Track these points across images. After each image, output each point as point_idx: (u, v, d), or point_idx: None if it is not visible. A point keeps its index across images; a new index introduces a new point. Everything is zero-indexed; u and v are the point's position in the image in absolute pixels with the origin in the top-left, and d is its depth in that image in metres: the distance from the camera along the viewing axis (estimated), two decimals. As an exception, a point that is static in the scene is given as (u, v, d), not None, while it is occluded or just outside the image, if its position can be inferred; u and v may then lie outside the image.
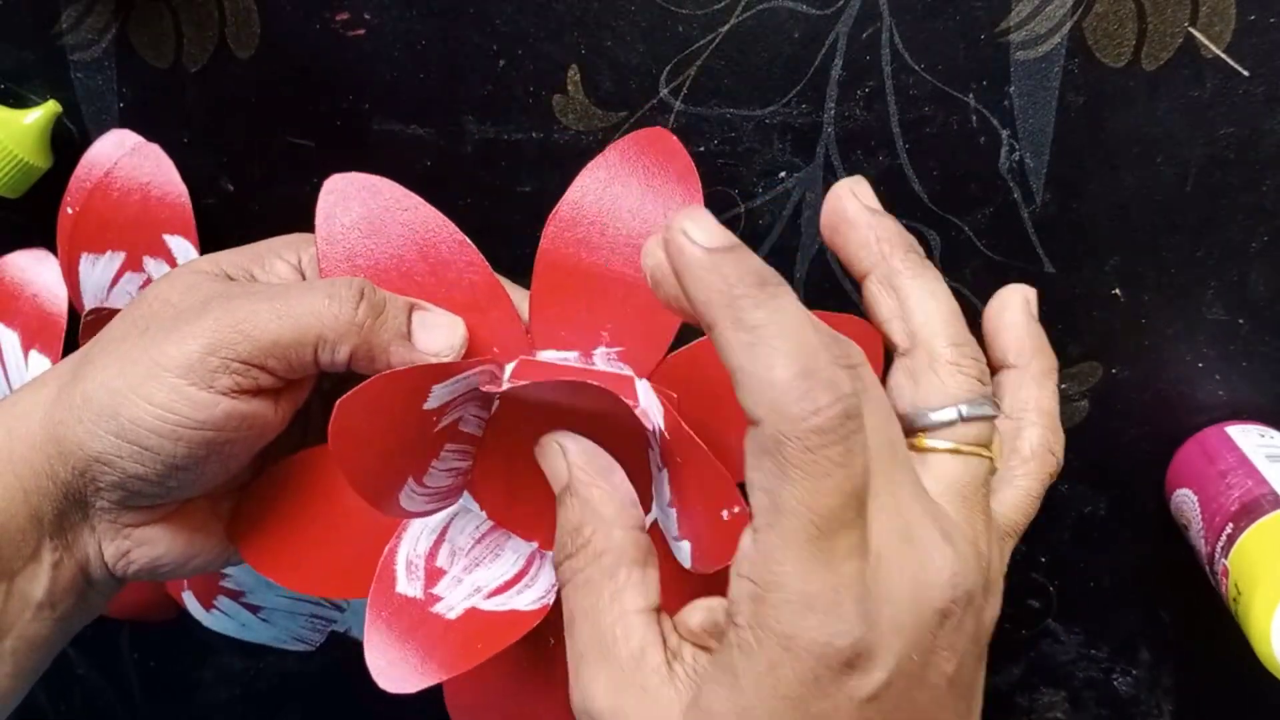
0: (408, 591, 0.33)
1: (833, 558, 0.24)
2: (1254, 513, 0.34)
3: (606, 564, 0.28)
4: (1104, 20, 0.37)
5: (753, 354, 0.24)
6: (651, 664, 0.27)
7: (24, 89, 0.42)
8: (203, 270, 0.34)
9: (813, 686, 0.24)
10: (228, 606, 0.45)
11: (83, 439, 0.31)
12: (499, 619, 0.32)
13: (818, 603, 0.24)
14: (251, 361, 0.30)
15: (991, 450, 0.29)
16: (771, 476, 0.24)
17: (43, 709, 0.51)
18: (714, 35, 0.38)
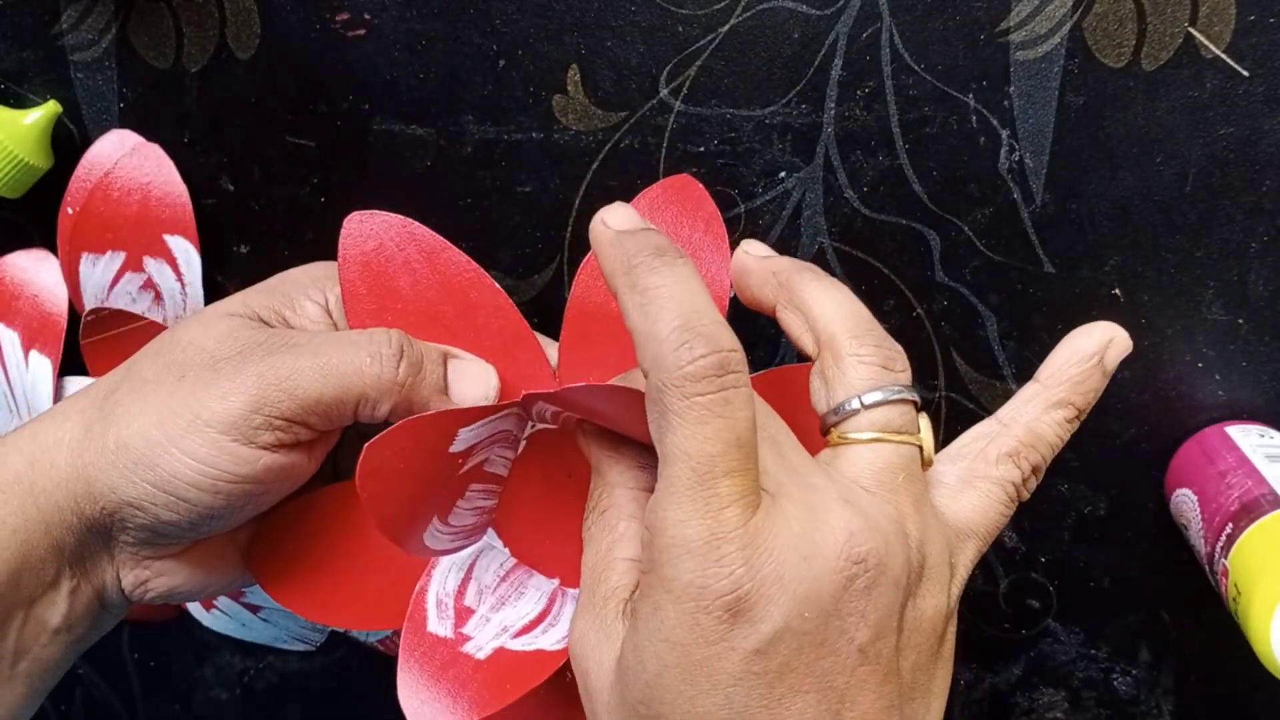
0: (438, 631, 0.33)
1: (713, 504, 0.25)
2: (1254, 513, 0.34)
3: (609, 519, 0.30)
4: (1104, 20, 0.37)
5: (644, 313, 0.26)
6: (614, 602, 0.28)
7: (24, 89, 0.42)
8: (235, 314, 0.33)
9: (693, 630, 0.25)
10: (228, 606, 0.45)
11: (116, 483, 0.31)
12: (526, 659, 0.33)
13: (695, 546, 0.25)
14: (294, 419, 0.31)
15: (918, 438, 0.29)
16: (656, 425, 0.26)
17: (43, 709, 0.51)
18: (714, 35, 0.38)
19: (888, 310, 0.40)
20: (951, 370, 0.41)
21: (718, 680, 0.25)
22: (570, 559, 0.35)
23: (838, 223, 0.40)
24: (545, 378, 0.35)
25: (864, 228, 0.40)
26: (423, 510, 0.32)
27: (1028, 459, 0.31)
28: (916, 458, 0.29)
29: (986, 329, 0.40)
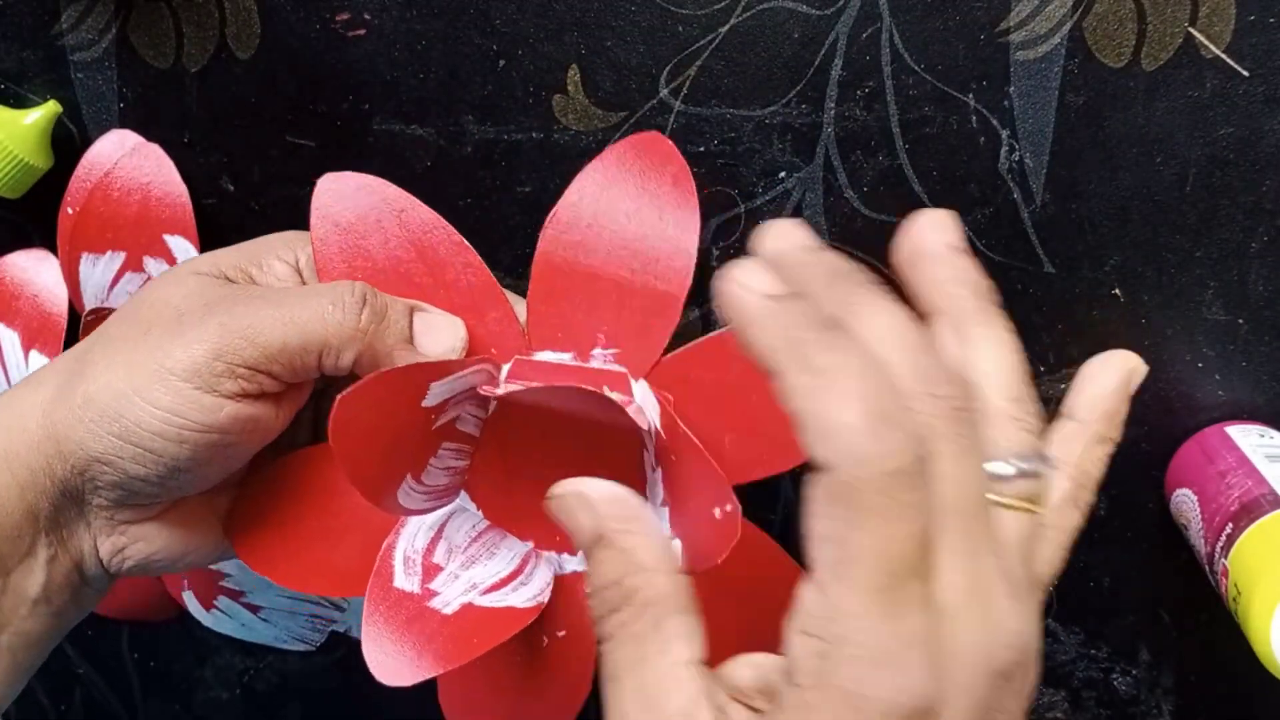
0: (405, 586, 0.33)
1: (901, 608, 0.23)
2: (1254, 513, 0.34)
3: (654, 615, 0.26)
4: (1104, 20, 0.37)
5: (820, 398, 0.23)
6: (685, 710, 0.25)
7: (24, 89, 0.42)
8: (202, 272, 0.33)
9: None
10: (228, 606, 0.45)
11: (84, 439, 0.31)
12: (495, 615, 0.33)
13: (887, 658, 0.23)
14: (257, 367, 0.31)
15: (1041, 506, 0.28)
16: (842, 524, 0.23)
17: (43, 709, 0.51)
18: (714, 35, 0.38)
19: (888, 310, 0.40)
20: (951, 370, 0.41)
21: None
22: (542, 524, 0.35)
23: (838, 223, 0.40)
24: (514, 335, 0.35)
25: (864, 228, 0.40)
26: (396, 466, 0.32)
27: (1085, 500, 0.30)
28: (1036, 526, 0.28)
29: (986, 329, 0.40)
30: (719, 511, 0.28)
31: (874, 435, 0.22)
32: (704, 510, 0.28)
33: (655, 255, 0.34)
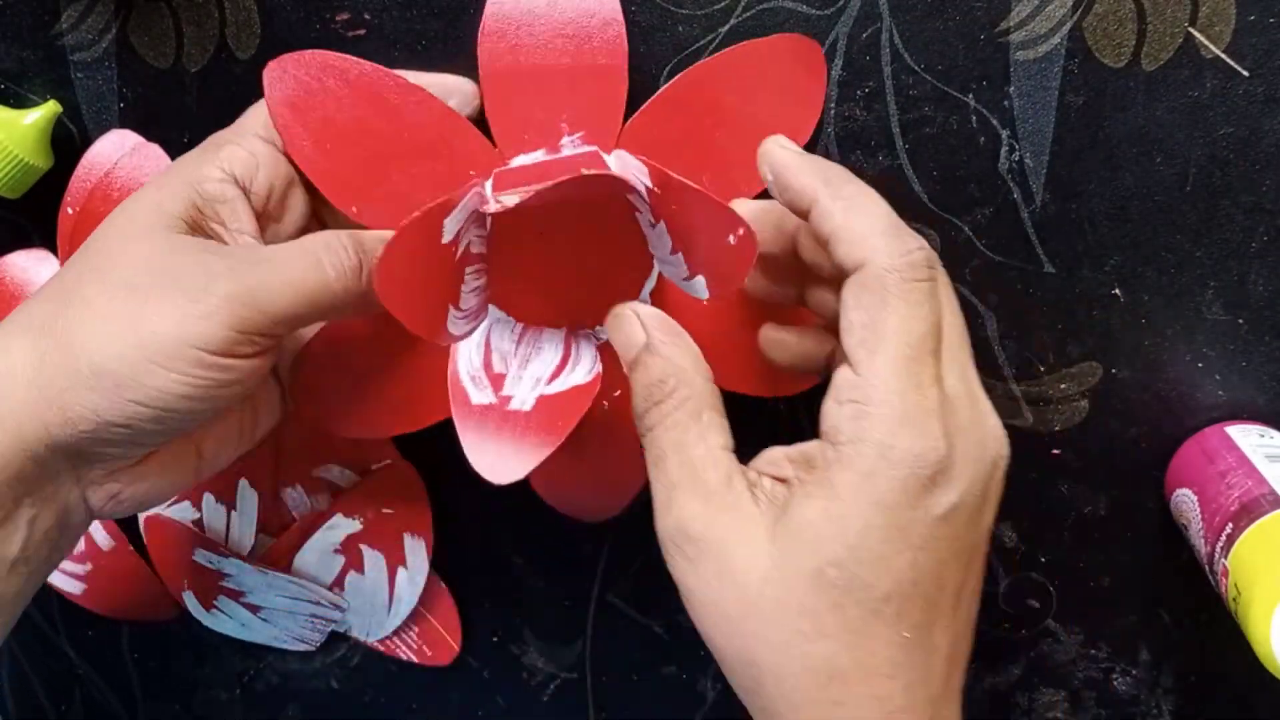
0: (482, 400, 0.37)
1: (921, 382, 0.29)
2: (1254, 513, 0.34)
3: (692, 407, 0.32)
4: (1104, 20, 0.37)
5: (851, 214, 0.30)
6: (738, 488, 0.30)
7: (24, 89, 0.42)
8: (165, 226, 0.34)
9: (902, 495, 0.28)
10: (228, 606, 0.45)
11: (99, 406, 0.31)
12: (566, 396, 0.36)
13: (912, 418, 0.28)
14: (269, 333, 0.32)
15: None
16: (874, 308, 0.29)
17: (43, 709, 0.51)
18: (714, 35, 0.38)
19: (888, 310, 0.40)
20: (951, 370, 0.41)
21: (911, 541, 0.28)
22: (566, 305, 0.39)
23: (838, 223, 0.40)
24: (486, 151, 0.37)
25: (864, 228, 0.40)
26: (438, 302, 0.35)
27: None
28: None
29: (986, 329, 0.40)
30: (733, 237, 0.31)
31: (896, 236, 0.30)
32: (719, 241, 0.32)
33: (588, 33, 0.36)
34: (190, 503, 0.44)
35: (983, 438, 0.30)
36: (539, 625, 0.46)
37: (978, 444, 0.30)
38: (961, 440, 0.29)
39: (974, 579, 0.31)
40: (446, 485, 0.45)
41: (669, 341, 0.33)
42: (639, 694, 0.47)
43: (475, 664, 0.47)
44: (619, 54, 0.37)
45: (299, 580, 0.45)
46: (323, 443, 0.44)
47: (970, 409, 0.30)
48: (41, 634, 0.49)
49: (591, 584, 0.45)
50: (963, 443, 0.29)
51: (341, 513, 0.44)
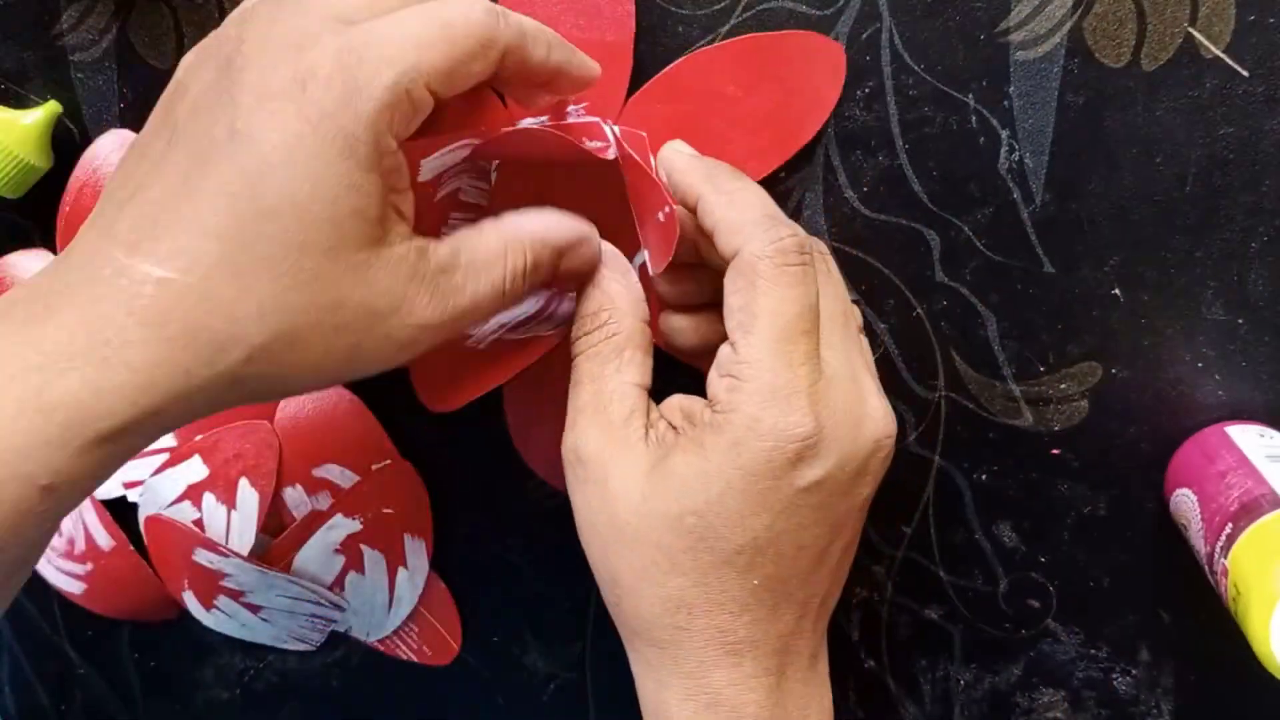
0: None
1: (792, 361, 0.31)
2: (1254, 513, 0.34)
3: (617, 342, 0.34)
4: (1104, 20, 0.37)
5: (730, 206, 0.33)
6: (635, 425, 0.33)
7: (25, 89, 0.42)
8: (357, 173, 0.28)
9: (765, 465, 0.30)
10: (228, 606, 0.45)
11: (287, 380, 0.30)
12: (523, 344, 0.38)
13: (780, 395, 0.30)
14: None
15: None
16: (746, 292, 0.31)
17: (43, 709, 0.51)
18: (714, 35, 0.38)
19: (888, 310, 0.40)
20: (951, 370, 0.41)
21: (769, 505, 0.31)
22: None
23: (838, 222, 0.40)
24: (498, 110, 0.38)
25: (864, 228, 0.40)
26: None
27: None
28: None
29: (986, 329, 0.40)
30: (661, 215, 0.34)
31: (770, 225, 0.32)
32: (652, 216, 0.34)
33: (598, 8, 0.38)
34: (190, 503, 0.44)
35: (859, 418, 0.32)
36: (539, 625, 0.46)
37: (852, 424, 0.31)
38: (833, 419, 0.31)
39: (842, 540, 0.33)
40: (446, 485, 0.45)
41: (613, 278, 0.35)
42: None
43: (475, 664, 0.47)
44: (626, 31, 0.38)
45: (299, 580, 0.45)
46: (323, 443, 0.44)
47: (849, 390, 0.32)
48: (41, 634, 0.49)
49: (592, 584, 0.45)
50: (834, 422, 0.31)
51: (341, 513, 0.44)
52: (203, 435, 0.44)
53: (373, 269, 0.29)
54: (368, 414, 0.44)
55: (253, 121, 0.28)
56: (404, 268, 0.30)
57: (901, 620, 0.44)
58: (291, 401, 0.44)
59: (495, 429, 0.43)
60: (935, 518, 0.43)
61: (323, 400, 0.44)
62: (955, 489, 0.42)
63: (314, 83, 0.28)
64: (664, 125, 0.38)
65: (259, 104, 0.28)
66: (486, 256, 0.32)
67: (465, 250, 0.31)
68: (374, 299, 0.29)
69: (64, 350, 0.27)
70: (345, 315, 0.29)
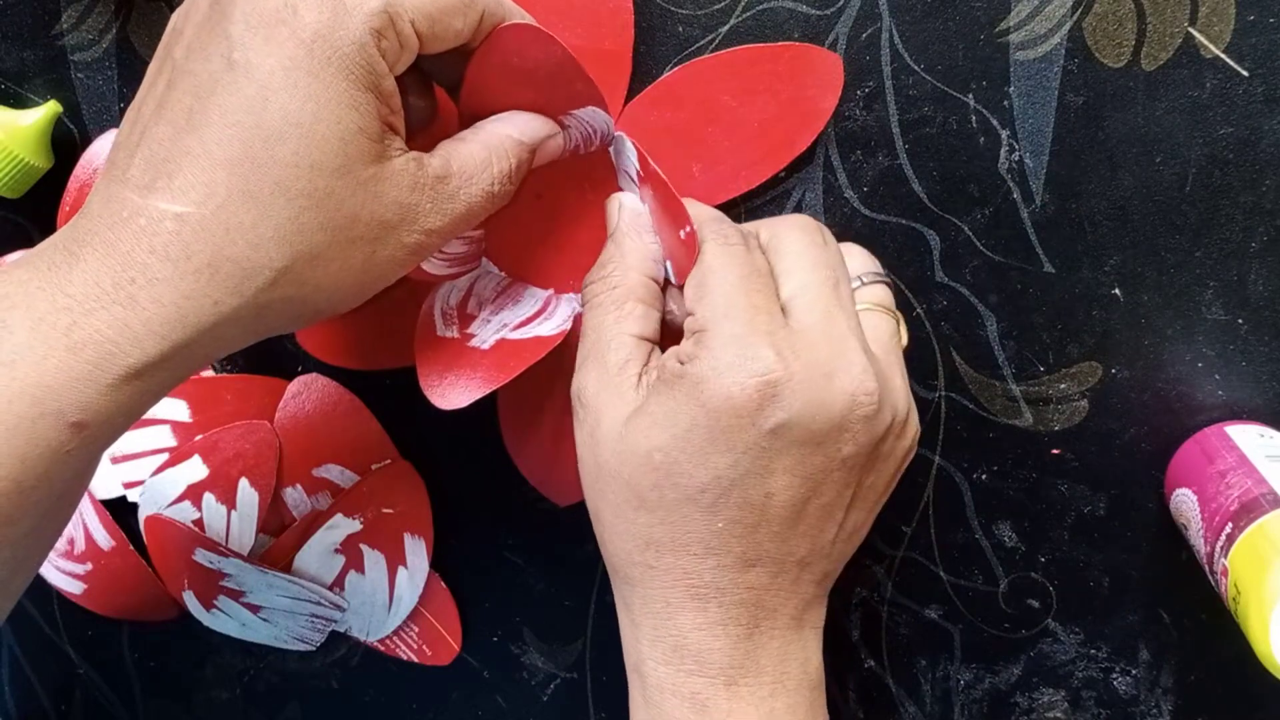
0: (446, 333, 0.39)
1: (748, 308, 0.32)
2: (1253, 512, 0.34)
3: (618, 295, 0.35)
4: (1104, 20, 0.37)
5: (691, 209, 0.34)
6: (628, 373, 0.34)
7: (25, 89, 0.42)
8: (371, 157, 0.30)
9: (726, 402, 0.31)
10: (228, 606, 0.45)
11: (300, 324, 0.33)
12: (526, 344, 0.38)
13: (741, 338, 0.31)
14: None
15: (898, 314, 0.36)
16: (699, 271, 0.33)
17: (43, 709, 0.51)
18: (714, 35, 0.38)
19: (888, 310, 0.40)
20: (951, 370, 0.41)
21: (733, 444, 0.31)
22: (558, 271, 0.41)
23: (838, 223, 0.40)
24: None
25: (864, 228, 0.40)
26: None
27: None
28: (897, 332, 0.36)
29: (986, 329, 0.40)
30: (683, 233, 0.34)
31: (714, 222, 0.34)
32: (674, 232, 0.35)
33: (596, 16, 0.38)
34: (190, 503, 0.44)
35: (832, 371, 0.31)
36: (539, 625, 0.46)
37: (822, 374, 0.31)
38: (799, 364, 0.31)
39: (821, 500, 0.32)
40: (446, 485, 0.45)
41: (628, 233, 0.36)
42: (639, 694, 0.47)
43: (475, 664, 0.47)
44: (626, 40, 0.38)
45: (299, 580, 0.45)
46: (323, 443, 0.44)
47: (822, 343, 0.32)
48: (41, 634, 0.49)
49: (591, 584, 0.45)
50: (801, 366, 0.31)
51: (341, 513, 0.44)
52: (203, 435, 0.44)
53: (380, 183, 0.30)
54: (368, 414, 0.44)
55: (249, 50, 0.28)
56: (406, 179, 0.31)
57: (901, 620, 0.44)
58: (291, 401, 0.44)
59: (495, 429, 0.43)
60: (935, 518, 0.43)
61: (323, 400, 0.44)
62: (955, 489, 0.42)
63: (304, 6, 0.29)
64: (659, 133, 0.38)
65: (252, 31, 0.29)
66: (475, 164, 0.33)
67: (455, 159, 0.33)
68: (383, 211, 0.31)
69: (90, 292, 0.29)
70: (359, 229, 0.30)
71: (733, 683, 0.33)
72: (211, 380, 0.44)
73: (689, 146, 0.38)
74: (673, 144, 0.38)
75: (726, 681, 0.33)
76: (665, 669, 0.33)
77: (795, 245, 0.34)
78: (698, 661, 0.33)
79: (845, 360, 0.32)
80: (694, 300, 0.33)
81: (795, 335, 0.32)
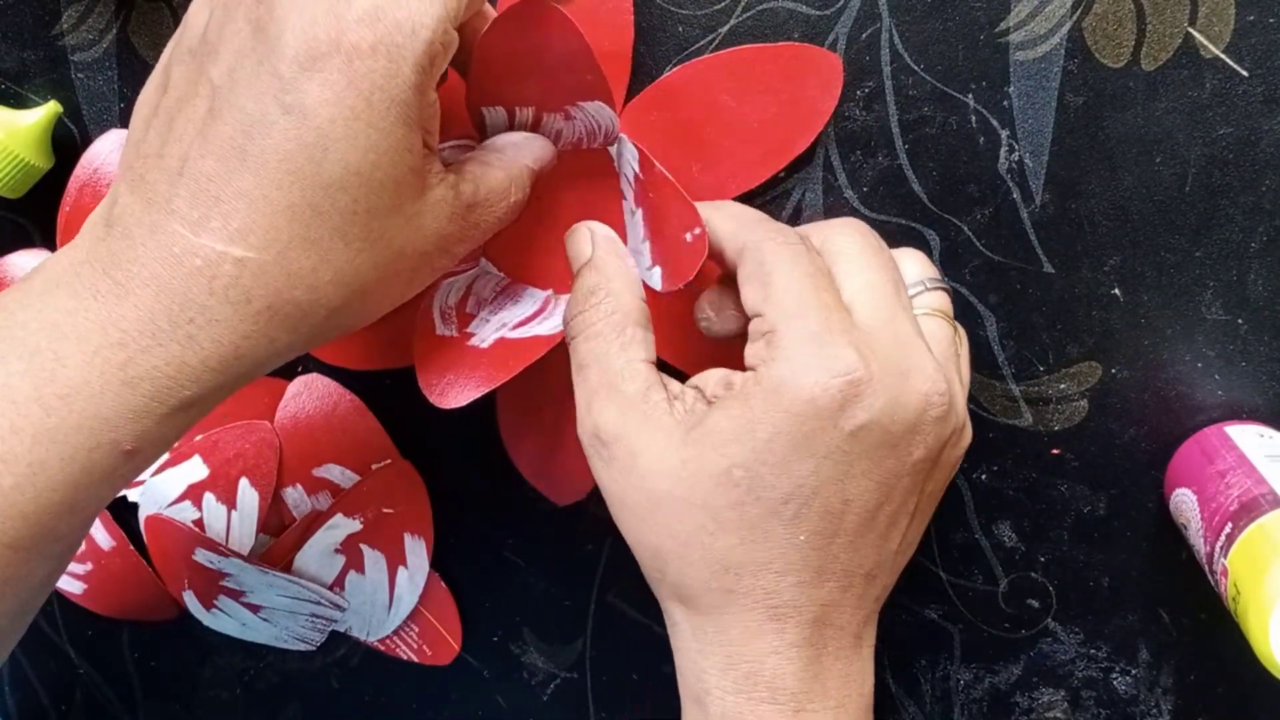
0: (445, 332, 0.39)
1: (825, 304, 0.31)
2: (1253, 512, 0.34)
3: (616, 320, 0.34)
4: (1103, 20, 0.37)
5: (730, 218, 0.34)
6: (654, 399, 0.32)
7: (25, 89, 0.42)
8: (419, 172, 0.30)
9: (809, 404, 0.30)
10: (229, 606, 0.45)
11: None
12: (524, 343, 0.38)
13: (818, 335, 0.30)
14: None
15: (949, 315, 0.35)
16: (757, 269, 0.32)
17: (43, 709, 0.51)
18: (714, 35, 0.38)
19: (887, 310, 0.40)
20: (951, 370, 0.41)
21: (815, 450, 0.30)
22: (557, 271, 0.41)
23: (837, 223, 0.40)
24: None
25: (864, 228, 0.40)
26: None
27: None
28: (955, 339, 0.35)
29: (986, 329, 0.40)
30: (690, 235, 0.34)
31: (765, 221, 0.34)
32: (678, 236, 0.34)
33: (596, 17, 0.37)
34: (190, 503, 0.44)
35: (907, 370, 0.31)
36: (539, 625, 0.46)
37: (899, 373, 0.31)
38: (878, 363, 0.30)
39: (891, 505, 0.32)
40: (446, 485, 0.45)
41: (608, 259, 0.35)
42: (639, 694, 0.47)
43: (475, 664, 0.47)
44: (625, 40, 0.38)
45: (299, 580, 0.45)
46: (323, 443, 0.44)
47: (894, 342, 0.31)
48: (42, 634, 0.49)
49: (591, 584, 0.45)
50: (880, 366, 0.30)
51: (341, 513, 0.44)
52: (202, 435, 0.44)
53: (422, 216, 0.31)
54: (368, 414, 0.44)
55: (304, 95, 0.28)
56: (444, 209, 0.31)
57: (901, 620, 0.44)
58: (291, 401, 0.44)
59: (495, 429, 0.43)
60: (935, 518, 0.43)
61: (323, 400, 0.44)
62: (955, 489, 0.42)
63: (358, 56, 0.28)
64: (658, 133, 0.38)
65: (306, 75, 0.28)
66: (497, 190, 0.33)
67: (482, 186, 0.33)
68: (424, 244, 0.31)
69: (146, 329, 0.29)
70: (405, 262, 0.31)
71: (800, 709, 0.31)
72: (211, 380, 0.44)
73: (688, 147, 0.38)
74: (672, 144, 0.38)
75: (795, 708, 0.31)
76: (735, 698, 0.32)
77: (852, 248, 0.34)
78: (770, 689, 0.31)
79: (918, 360, 0.31)
80: (759, 300, 0.32)
81: (868, 334, 0.31)
